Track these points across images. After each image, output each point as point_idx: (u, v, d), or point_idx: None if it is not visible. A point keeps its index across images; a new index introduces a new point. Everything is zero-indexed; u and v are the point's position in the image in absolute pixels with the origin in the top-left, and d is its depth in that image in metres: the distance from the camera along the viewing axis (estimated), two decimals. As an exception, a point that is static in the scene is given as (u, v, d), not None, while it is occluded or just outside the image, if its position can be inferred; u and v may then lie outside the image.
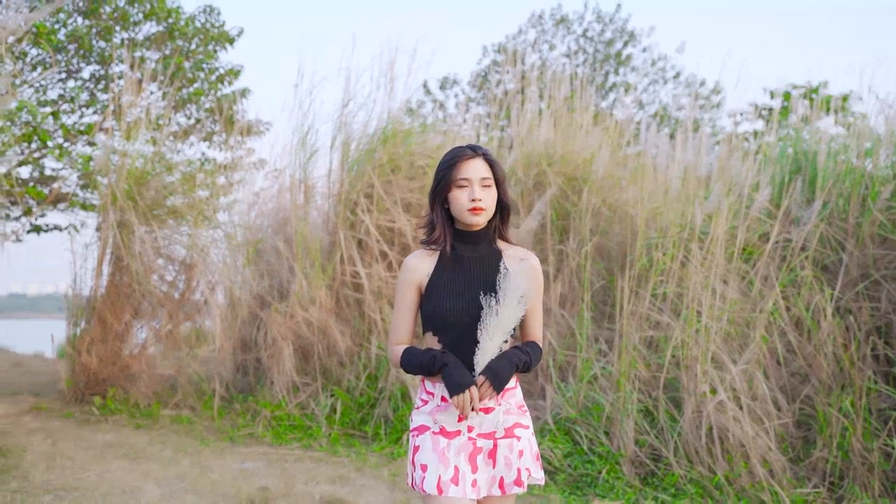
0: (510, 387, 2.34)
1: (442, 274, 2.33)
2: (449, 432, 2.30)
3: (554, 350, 6.19)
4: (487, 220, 2.33)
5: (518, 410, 2.35)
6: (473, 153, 2.31)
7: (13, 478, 4.71)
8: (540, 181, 7.66)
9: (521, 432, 2.33)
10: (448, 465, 2.26)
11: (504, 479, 2.29)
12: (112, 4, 10.95)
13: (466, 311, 2.27)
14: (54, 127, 11.11)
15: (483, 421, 2.30)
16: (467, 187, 2.28)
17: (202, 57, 12.02)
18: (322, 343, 6.75)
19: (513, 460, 2.29)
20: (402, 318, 2.39)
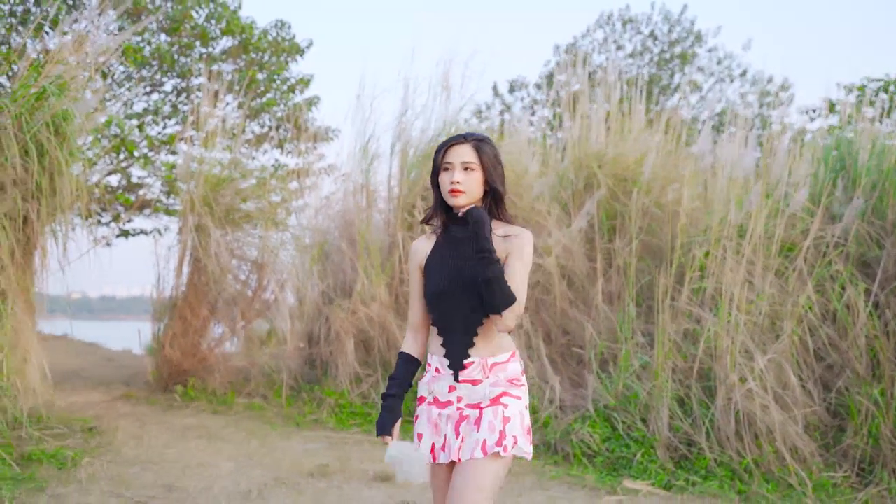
0: (501, 361, 2.42)
1: (435, 254, 2.48)
2: (441, 402, 2.44)
3: (595, 342, 6.52)
4: (469, 200, 2.40)
5: (508, 383, 2.42)
6: (463, 140, 2.42)
7: (107, 452, 5.33)
8: (590, 183, 7.98)
9: (509, 401, 2.39)
10: (440, 433, 2.41)
11: (486, 442, 2.33)
12: (192, 22, 11.68)
13: (449, 291, 2.40)
14: (140, 138, 11.94)
15: (471, 392, 2.40)
16: (450, 170, 2.39)
17: (275, 68, 12.69)
18: (382, 337, 7.23)
19: (496, 424, 2.35)
20: (412, 300, 2.56)
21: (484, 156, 2.41)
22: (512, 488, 4.89)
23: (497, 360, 2.41)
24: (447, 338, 2.42)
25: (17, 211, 5.69)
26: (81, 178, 6.91)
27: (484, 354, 2.41)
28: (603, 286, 7.28)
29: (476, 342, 2.40)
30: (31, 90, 5.87)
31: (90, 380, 8.76)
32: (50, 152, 5.82)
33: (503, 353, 2.43)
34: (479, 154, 2.40)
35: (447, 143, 2.43)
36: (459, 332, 2.40)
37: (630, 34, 19.68)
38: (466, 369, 2.40)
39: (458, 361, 2.40)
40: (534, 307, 7.41)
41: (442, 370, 2.43)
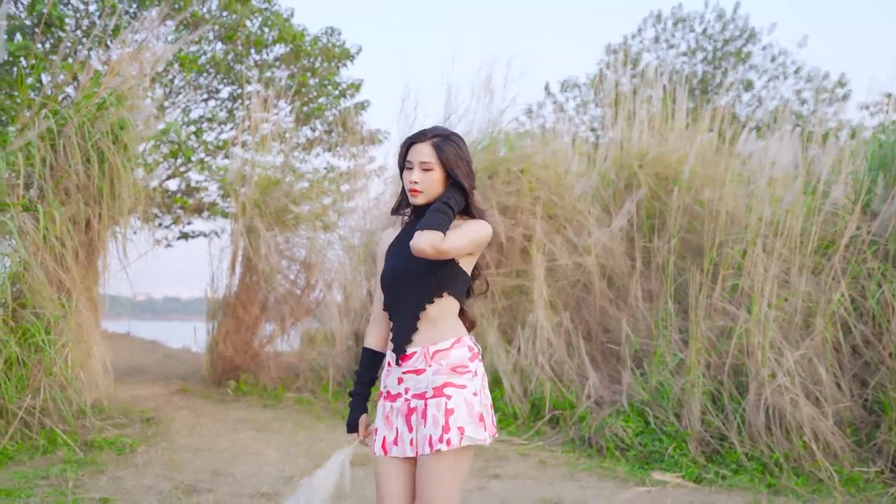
0: (443, 348, 2.39)
1: (395, 242, 2.52)
2: (392, 395, 2.44)
3: (630, 339, 6.64)
4: (427, 199, 2.41)
5: (451, 371, 2.38)
6: (424, 137, 2.42)
7: (162, 440, 5.66)
8: (631, 182, 8.09)
9: (453, 391, 2.35)
10: (392, 427, 2.41)
11: (432, 437, 2.31)
12: (245, 31, 12.08)
13: (396, 276, 2.44)
14: (197, 144, 12.40)
15: (416, 382, 2.39)
16: (410, 169, 2.42)
17: (325, 74, 13.03)
18: (425, 334, 7.46)
19: (439, 419, 2.32)
20: (377, 289, 2.56)
21: (443, 155, 2.40)
22: (543, 477, 5.06)
23: (439, 348, 2.39)
24: (395, 322, 2.44)
25: (80, 215, 6.06)
26: (141, 182, 7.30)
27: (425, 342, 2.39)
28: (642, 284, 7.40)
29: (419, 327, 2.39)
30: (92, 101, 6.24)
31: (150, 375, 9.19)
32: (109, 159, 6.18)
33: (445, 340, 2.40)
34: (437, 153, 2.40)
35: (409, 141, 2.45)
36: (406, 316, 2.40)
37: (682, 32, 19.57)
38: (410, 359, 2.40)
39: (400, 348, 2.41)
40: (574, 305, 7.55)
41: (392, 363, 2.45)
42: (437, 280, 2.38)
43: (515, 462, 5.51)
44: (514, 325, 7.34)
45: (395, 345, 2.43)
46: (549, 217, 7.79)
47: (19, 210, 5.57)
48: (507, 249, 7.65)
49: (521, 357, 6.91)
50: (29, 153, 5.76)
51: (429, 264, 2.35)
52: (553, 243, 7.52)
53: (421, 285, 2.38)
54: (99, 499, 4.13)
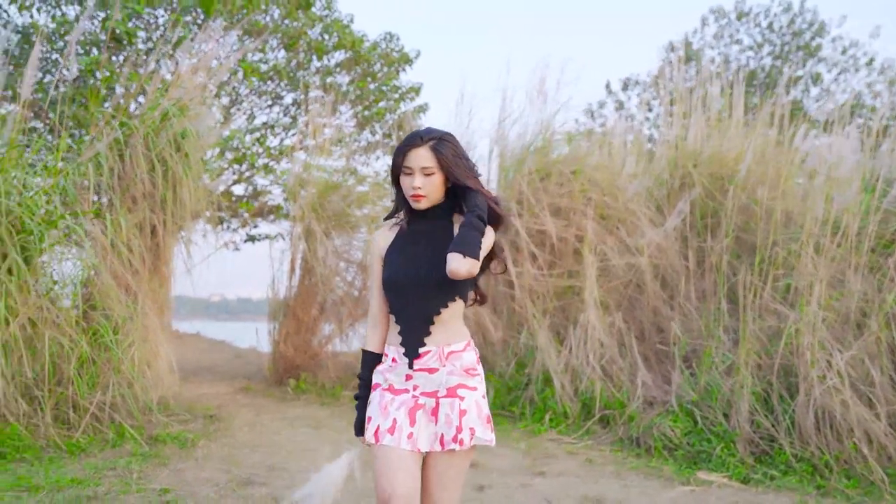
0: (457, 350, 2.43)
1: (396, 244, 2.50)
2: (396, 389, 2.44)
3: (679, 339, 6.64)
4: (430, 203, 2.44)
5: (464, 373, 2.42)
6: (420, 142, 2.41)
7: (223, 436, 5.92)
8: (686, 182, 8.06)
9: (465, 393, 2.40)
10: (388, 417, 2.40)
11: (444, 436, 2.35)
12: (307, 38, 12.40)
13: (407, 278, 2.41)
14: (261, 149, 12.77)
15: (427, 380, 2.41)
16: (410, 175, 2.41)
17: (384, 79, 13.26)
18: (477, 334, 7.58)
19: (453, 418, 2.36)
20: (372, 291, 2.56)
21: (442, 157, 2.40)
22: (588, 475, 5.14)
23: (453, 349, 2.42)
24: (404, 326, 2.43)
25: (146, 221, 6.38)
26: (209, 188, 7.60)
27: (440, 342, 2.41)
28: (695, 284, 7.38)
29: (432, 331, 2.41)
30: (156, 112, 6.55)
31: (217, 374, 9.54)
32: (172, 167, 6.48)
33: (459, 342, 2.44)
34: (436, 156, 2.40)
35: (405, 146, 2.43)
36: (417, 321, 2.41)
37: (747, 27, 19.24)
38: (422, 358, 2.41)
39: (413, 349, 2.41)
40: (627, 305, 7.58)
41: (399, 360, 2.44)
42: (451, 286, 2.38)
43: (563, 460, 5.59)
44: (566, 325, 7.40)
45: (408, 346, 2.42)
46: (601, 218, 7.83)
47: (90, 217, 5.89)
48: (559, 250, 7.72)
49: (572, 357, 6.97)
50: (98, 163, 6.09)
51: (443, 274, 2.33)
52: (605, 244, 7.55)
53: (436, 290, 2.39)
54: (160, 489, 4.37)
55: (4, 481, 4.40)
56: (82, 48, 10.77)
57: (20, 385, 5.20)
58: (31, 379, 5.20)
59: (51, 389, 5.32)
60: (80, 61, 9.85)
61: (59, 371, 5.37)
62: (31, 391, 5.25)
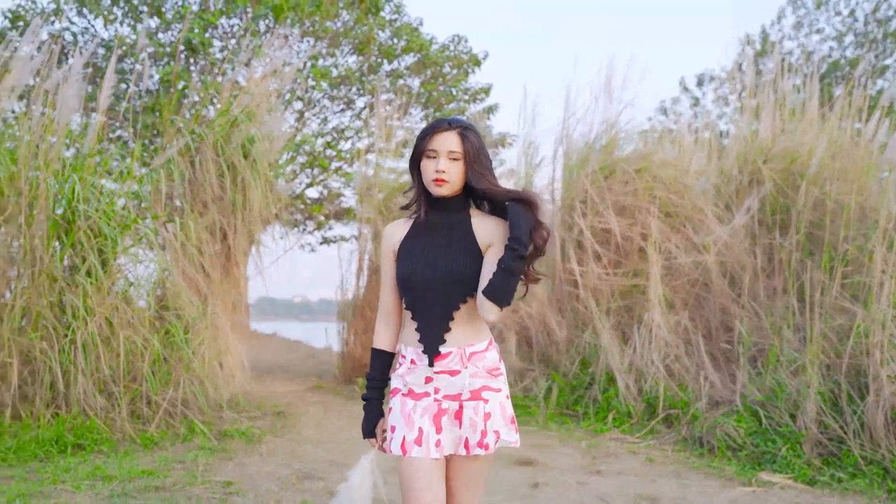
0: (479, 350, 2.32)
1: (411, 238, 2.39)
2: (417, 394, 2.33)
3: (743, 337, 6.52)
4: (452, 191, 2.32)
5: (487, 374, 2.33)
6: (448, 126, 2.31)
7: (289, 432, 6.11)
8: (755, 178, 7.90)
9: (490, 395, 2.31)
10: (413, 426, 2.29)
11: (469, 441, 2.28)
12: (375, 42, 12.61)
13: (424, 273, 2.31)
14: (333, 153, 13.05)
15: (449, 383, 2.31)
16: (435, 158, 2.30)
17: (453, 81, 13.37)
18: (542, 333, 7.60)
19: (478, 422, 2.28)
20: (384, 287, 2.47)
21: (468, 145, 2.30)
22: (647, 474, 5.10)
23: (475, 350, 2.32)
24: (421, 322, 2.32)
25: (216, 225, 6.62)
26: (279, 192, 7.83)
27: (461, 343, 2.31)
28: (764, 282, 7.24)
29: (452, 327, 2.30)
30: (224, 119, 6.80)
31: (290, 372, 9.80)
32: (241, 173, 6.71)
33: (481, 342, 2.34)
34: (464, 143, 2.30)
35: (432, 129, 2.33)
36: (435, 317, 2.31)
37: (827, 16, 18.64)
38: (444, 359, 2.30)
39: (433, 347, 2.31)
40: (694, 303, 7.48)
41: (418, 361, 2.33)
42: (471, 279, 2.28)
43: (623, 459, 5.56)
44: (630, 324, 7.35)
45: (427, 344, 2.31)
46: (666, 215, 7.74)
47: (162, 221, 6.16)
48: (623, 249, 7.67)
49: (636, 356, 6.92)
50: (170, 169, 6.35)
51: (463, 267, 2.28)
52: (669, 241, 7.47)
53: (454, 284, 2.29)
54: (223, 482, 4.55)
55: (83, 471, 4.65)
56: (161, 59, 11.21)
57: (98, 381, 5.47)
58: (107, 375, 5.47)
59: (126, 386, 5.58)
60: (159, 71, 10.26)
61: (133, 368, 5.63)
62: (109, 387, 5.52)
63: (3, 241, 5.69)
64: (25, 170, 5.62)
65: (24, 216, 5.59)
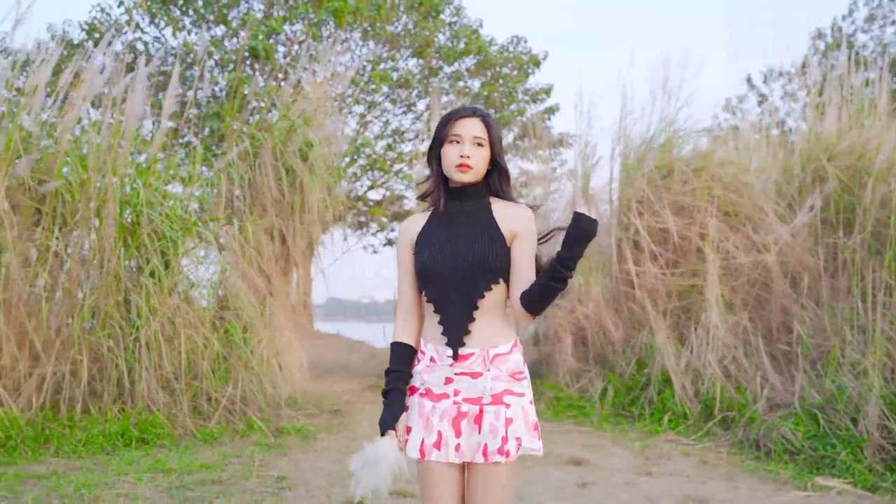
0: (503, 352, 2.21)
1: (429, 229, 2.31)
2: (435, 395, 2.23)
3: (802, 338, 6.39)
4: (475, 178, 2.26)
5: (510, 378, 2.22)
6: (472, 113, 2.27)
7: (344, 429, 6.24)
8: (819, 175, 7.73)
9: (512, 399, 2.20)
10: (432, 430, 2.21)
11: (488, 447, 2.17)
12: (434, 46, 12.72)
13: (445, 263, 2.22)
14: (394, 155, 13.21)
15: (471, 386, 2.20)
16: (458, 143, 2.24)
17: (512, 82, 13.39)
18: (598, 334, 7.57)
19: (498, 427, 2.17)
20: (402, 282, 2.35)
21: (493, 131, 2.26)
22: (698, 476, 5.06)
23: (499, 351, 2.21)
24: (444, 316, 2.22)
25: (275, 227, 6.80)
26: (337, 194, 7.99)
27: (484, 344, 2.21)
28: (828, 282, 7.07)
29: (477, 318, 2.20)
30: (283, 123, 6.98)
31: (350, 372, 9.98)
32: (300, 176, 6.88)
33: (505, 343, 2.23)
34: (488, 130, 2.26)
35: (455, 115, 2.27)
36: (458, 309, 2.21)
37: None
38: (466, 360, 2.21)
39: (457, 340, 2.20)
40: (754, 304, 7.35)
41: (438, 359, 2.23)
42: (494, 268, 2.21)
43: (676, 461, 5.52)
44: (688, 324, 7.27)
45: (451, 337, 2.21)
46: (725, 215, 7.63)
47: (222, 224, 6.36)
48: (681, 249, 7.59)
49: (693, 357, 6.84)
50: (230, 174, 6.56)
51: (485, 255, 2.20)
52: (727, 241, 7.36)
53: (476, 274, 2.20)
54: (277, 476, 4.69)
55: (145, 463, 4.85)
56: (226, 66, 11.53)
57: (161, 378, 5.69)
58: (170, 373, 5.68)
59: (188, 383, 5.79)
60: (224, 77, 10.55)
61: (194, 366, 5.83)
62: (171, 384, 5.73)
63: (75, 244, 5.96)
64: (95, 175, 5.88)
65: (93, 220, 5.85)
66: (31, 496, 4.11)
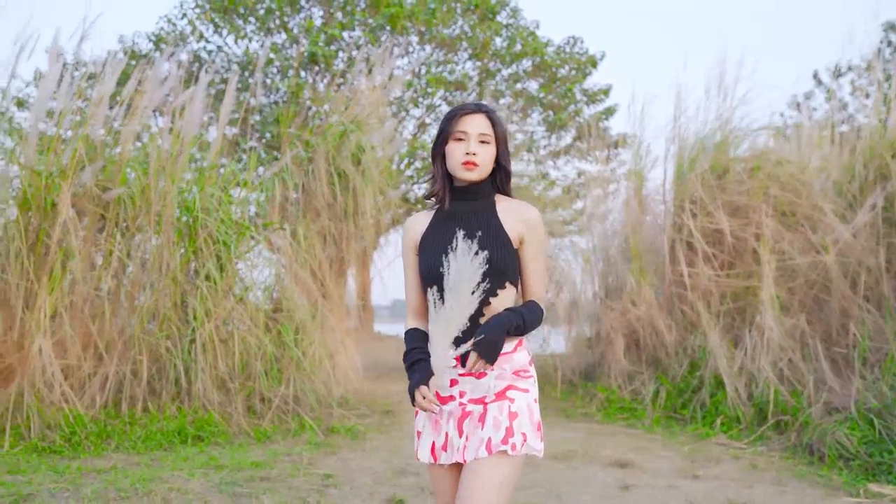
0: (507, 351, 2.19)
1: (433, 229, 2.27)
2: (442, 398, 2.22)
3: (858, 341, 6.24)
4: (481, 176, 2.22)
5: (514, 376, 2.20)
6: (477, 109, 2.22)
7: (393, 429, 6.35)
8: (882, 173, 7.53)
9: (516, 395, 2.18)
10: (440, 431, 2.22)
11: (492, 440, 2.13)
12: (490, 48, 12.77)
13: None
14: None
15: (475, 386, 2.20)
16: (464, 140, 2.20)
17: (569, 83, 13.35)
18: (651, 336, 7.52)
19: (502, 421, 2.14)
20: (408, 282, 2.34)
21: (498, 128, 2.24)
22: (745, 480, 5.00)
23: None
24: None
25: (328, 231, 6.95)
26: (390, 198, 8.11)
27: None
28: (889, 282, 6.89)
29: (482, 322, 2.16)
30: (336, 128, 7.13)
31: (407, 373, 10.09)
32: (352, 180, 7.02)
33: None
34: (494, 127, 2.23)
35: (459, 111, 2.22)
36: None
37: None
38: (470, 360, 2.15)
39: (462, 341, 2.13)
40: (812, 305, 7.21)
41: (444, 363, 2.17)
42: (501, 269, 2.19)
43: (725, 464, 5.46)
44: (743, 327, 7.16)
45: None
46: (782, 215, 7.49)
47: (276, 228, 6.54)
48: (736, 250, 7.48)
49: (747, 360, 6.74)
50: (283, 179, 6.74)
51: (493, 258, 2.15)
52: (782, 241, 7.22)
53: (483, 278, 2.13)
54: (323, 474, 4.82)
55: (199, 460, 5.04)
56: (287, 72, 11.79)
57: (216, 378, 5.88)
58: (224, 373, 5.88)
59: (242, 383, 5.98)
60: (285, 84, 10.80)
61: (248, 367, 6.01)
62: (225, 384, 5.92)
63: (136, 248, 6.21)
64: (155, 182, 6.12)
65: (153, 225, 6.08)
66: (90, 489, 4.32)
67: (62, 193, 5.69)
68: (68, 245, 5.72)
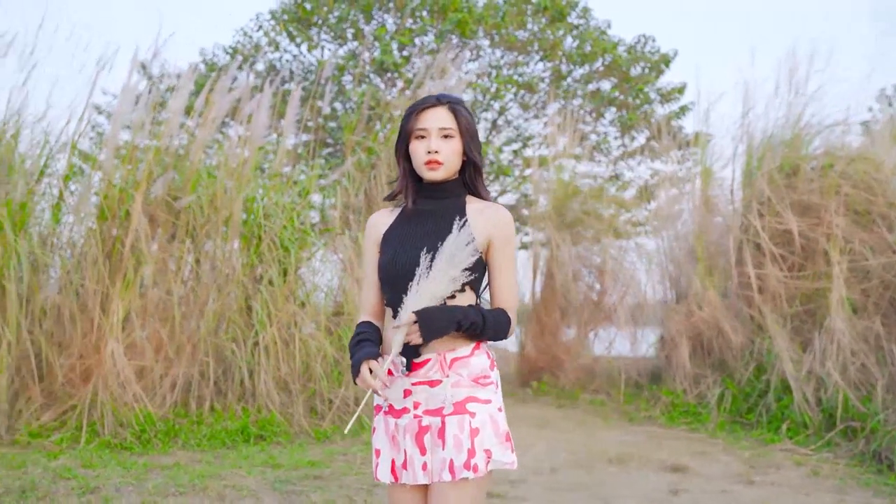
0: (463, 355, 2.05)
1: (396, 227, 2.15)
2: (397, 410, 2.08)
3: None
4: (447, 175, 2.11)
5: (473, 383, 2.04)
6: (437, 101, 2.11)
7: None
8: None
9: (476, 407, 2.02)
10: (399, 449, 2.07)
11: (454, 462, 1.98)
12: (561, 49, 12.72)
13: (408, 263, 2.04)
14: (518, 160, 13.34)
15: (429, 396, 2.04)
16: (425, 138, 2.08)
17: (640, 83, 13.17)
18: (717, 339, 7.38)
19: (463, 440, 1.99)
20: (366, 282, 2.23)
21: (462, 120, 2.11)
22: (804, 487, 4.88)
23: (458, 355, 2.05)
24: None
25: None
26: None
27: (441, 349, 2.04)
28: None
29: None
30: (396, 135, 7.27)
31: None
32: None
33: (465, 346, 2.06)
34: (457, 118, 2.10)
35: (419, 106, 2.12)
36: None
37: None
38: (422, 367, 2.05)
39: (413, 350, 2.05)
40: (887, 307, 6.95)
41: (395, 370, 2.07)
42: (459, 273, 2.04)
43: (785, 470, 5.34)
44: (812, 330, 6.96)
45: (406, 347, 2.04)
46: (855, 214, 7.25)
47: (336, 234, 6.71)
48: (806, 250, 7.28)
49: (815, 363, 6.55)
50: (345, 185, 6.91)
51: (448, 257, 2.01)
52: (855, 241, 6.98)
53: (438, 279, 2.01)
54: (370, 472, 4.94)
55: (259, 458, 5.23)
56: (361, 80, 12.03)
57: (278, 380, 6.08)
58: (286, 374, 6.07)
59: (303, 385, 6.16)
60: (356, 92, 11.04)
61: (309, 369, 6.19)
62: (287, 385, 6.11)
63: (205, 255, 6.48)
64: (221, 190, 6.37)
65: (220, 232, 6.34)
66: (152, 483, 4.54)
67: (135, 203, 5.98)
68: (140, 252, 6.00)
